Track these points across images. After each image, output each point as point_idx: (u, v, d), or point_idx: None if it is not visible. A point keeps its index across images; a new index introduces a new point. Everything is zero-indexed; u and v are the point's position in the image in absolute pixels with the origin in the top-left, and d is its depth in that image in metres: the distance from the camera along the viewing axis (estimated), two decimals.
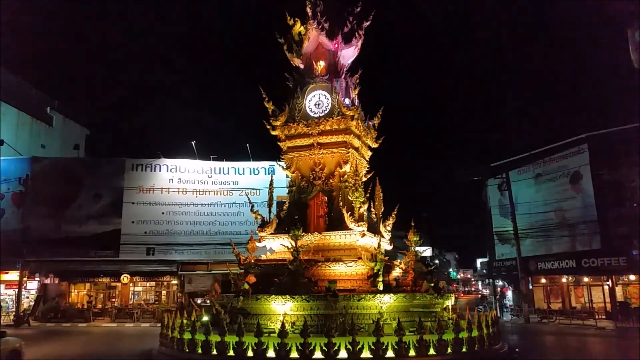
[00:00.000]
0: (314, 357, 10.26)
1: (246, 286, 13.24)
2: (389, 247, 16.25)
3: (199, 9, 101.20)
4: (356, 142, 15.93)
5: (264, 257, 15.30)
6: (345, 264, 13.94)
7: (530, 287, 33.36)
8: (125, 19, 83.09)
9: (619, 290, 28.88)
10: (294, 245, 13.48)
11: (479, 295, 71.48)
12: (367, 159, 16.95)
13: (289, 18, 16.70)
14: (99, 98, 75.85)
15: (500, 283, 42.74)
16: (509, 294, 41.84)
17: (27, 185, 30.74)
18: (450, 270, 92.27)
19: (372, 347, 10.34)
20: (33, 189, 30.81)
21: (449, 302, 14.03)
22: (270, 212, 15.94)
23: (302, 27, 16.58)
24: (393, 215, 16.39)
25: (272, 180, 16.70)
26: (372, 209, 16.00)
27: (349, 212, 14.54)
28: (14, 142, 35.22)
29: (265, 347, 10.51)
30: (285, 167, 16.26)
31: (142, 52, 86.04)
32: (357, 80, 16.43)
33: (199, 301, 25.76)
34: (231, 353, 10.72)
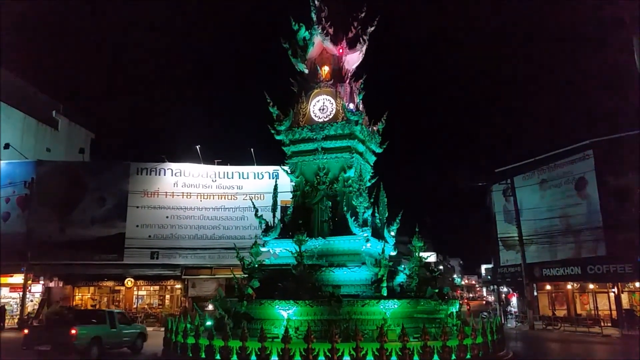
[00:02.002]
0: None
1: (250, 291, 13.22)
2: (393, 253, 16.20)
3: (205, 14, 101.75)
4: (360, 147, 15.91)
5: (267, 261, 15.28)
6: (349, 269, 13.90)
7: (535, 293, 33.19)
8: (132, 24, 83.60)
9: (624, 297, 28.69)
10: (298, 250, 13.45)
11: (484, 302, 71.20)
12: (372, 164, 16.92)
13: (293, 23, 16.73)
14: (105, 102, 76.26)
15: (505, 289, 42.56)
16: (514, 300, 41.64)
17: (32, 188, 30.86)
18: (455, 276, 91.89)
19: (376, 353, 10.29)
20: (38, 192, 30.94)
21: (454, 309, 13.95)
22: (274, 216, 15.92)
23: (306, 33, 16.60)
24: (397, 221, 16.36)
25: (276, 185, 16.70)
26: (376, 214, 15.96)
27: (353, 217, 14.50)
28: (20, 145, 35.41)
29: (268, 352, 10.48)
30: (289, 172, 16.25)
31: (148, 57, 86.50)
32: (362, 85, 16.43)
33: (210, 307, 25.64)
34: (234, 358, 10.70)
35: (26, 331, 15.42)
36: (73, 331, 14.23)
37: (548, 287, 33.53)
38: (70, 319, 16.26)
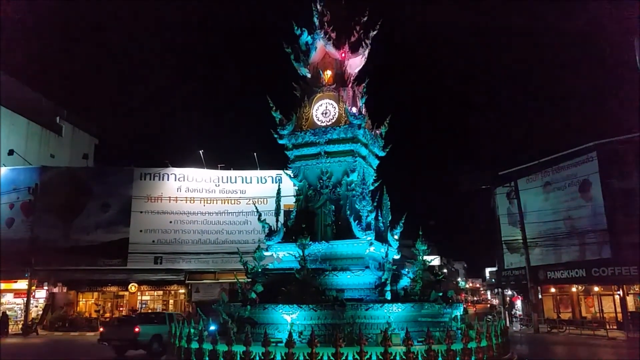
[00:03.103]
0: None
1: (253, 295, 13.21)
2: (397, 256, 16.15)
3: (209, 19, 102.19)
4: (363, 151, 15.91)
5: (271, 266, 15.26)
6: (353, 272, 13.86)
7: (540, 296, 33.04)
8: (136, 29, 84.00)
9: (630, 300, 28.54)
10: (302, 254, 13.43)
11: (488, 305, 70.94)
12: (375, 168, 16.91)
13: (296, 28, 16.77)
14: (108, 108, 76.56)
15: (510, 292, 42.38)
16: (519, 303, 41.47)
17: (36, 194, 30.96)
18: (459, 279, 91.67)
19: (380, 357, 10.26)
20: (42, 198, 31.04)
21: (458, 312, 13.90)
22: (277, 220, 15.91)
23: (309, 37, 16.63)
24: (400, 224, 16.31)
25: (279, 189, 16.68)
26: (380, 218, 15.93)
27: (357, 221, 14.48)
28: (24, 151, 35.60)
29: (272, 356, 10.46)
30: (292, 176, 16.24)
31: (151, 62, 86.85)
32: (364, 89, 16.43)
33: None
34: None
35: (101, 329, 19.55)
36: (136, 329, 17.15)
37: (553, 290, 33.39)
38: (135, 319, 19.56)
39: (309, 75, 16.77)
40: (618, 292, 28.78)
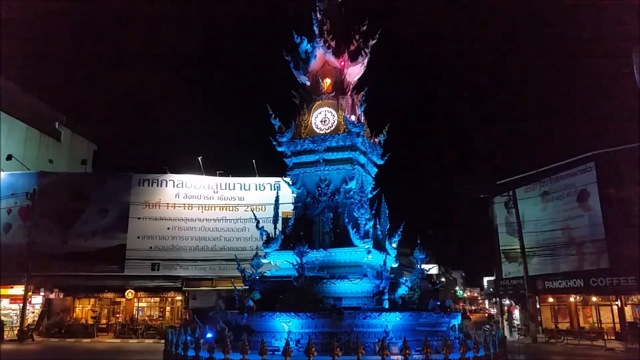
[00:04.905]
0: None
1: (251, 303, 13.16)
2: (395, 265, 16.15)
3: (207, 25, 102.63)
4: (362, 159, 15.95)
5: (268, 273, 15.23)
6: (351, 281, 13.85)
7: (538, 306, 32.95)
8: (136, 37, 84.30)
9: (628, 310, 28.46)
10: (299, 262, 13.42)
11: (486, 314, 70.73)
12: (373, 176, 16.95)
13: (295, 36, 16.88)
14: (107, 114, 76.63)
15: (508, 302, 42.26)
16: (516, 313, 41.35)
17: (34, 199, 30.89)
18: (457, 288, 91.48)
19: None
20: (40, 203, 30.96)
21: (456, 321, 13.87)
22: (275, 228, 15.91)
23: (308, 45, 16.73)
24: (399, 232, 16.32)
25: (277, 196, 16.71)
26: (378, 226, 15.93)
27: (355, 229, 14.48)
28: (22, 156, 35.55)
29: None
30: (290, 183, 16.27)
31: (150, 69, 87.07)
32: (363, 97, 16.50)
33: None
34: None
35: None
36: None
37: (551, 299, 33.30)
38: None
39: (308, 83, 16.86)
40: (616, 303, 28.71)
